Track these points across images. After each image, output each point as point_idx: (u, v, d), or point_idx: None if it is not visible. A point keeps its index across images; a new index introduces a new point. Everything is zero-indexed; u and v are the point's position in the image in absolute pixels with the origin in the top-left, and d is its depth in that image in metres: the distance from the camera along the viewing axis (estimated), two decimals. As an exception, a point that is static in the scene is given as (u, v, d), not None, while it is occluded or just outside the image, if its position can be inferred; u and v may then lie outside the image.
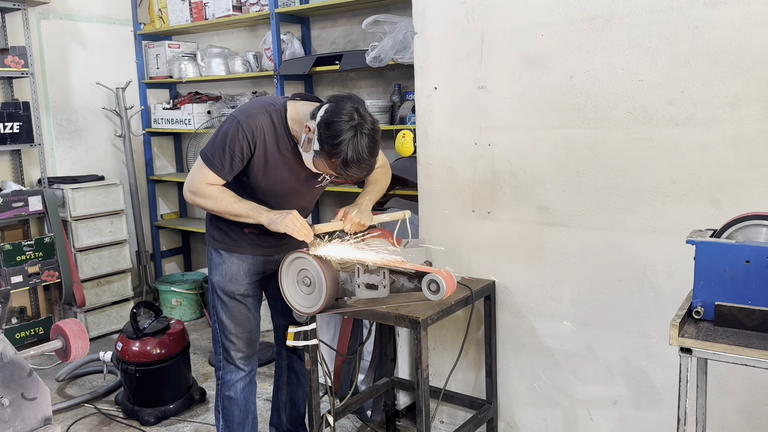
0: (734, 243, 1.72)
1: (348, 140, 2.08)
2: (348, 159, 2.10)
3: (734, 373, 2.29)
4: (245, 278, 2.52)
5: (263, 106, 2.31)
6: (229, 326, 2.55)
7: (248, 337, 2.59)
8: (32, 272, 4.14)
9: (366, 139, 2.10)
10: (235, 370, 2.61)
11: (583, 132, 2.49)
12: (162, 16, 5.05)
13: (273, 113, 2.29)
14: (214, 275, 2.54)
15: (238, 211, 2.31)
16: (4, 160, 4.47)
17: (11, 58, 4.13)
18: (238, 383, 2.62)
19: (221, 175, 2.29)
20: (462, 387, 2.99)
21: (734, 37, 2.15)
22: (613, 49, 2.38)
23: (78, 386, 3.81)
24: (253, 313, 2.59)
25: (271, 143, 2.29)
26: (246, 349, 2.60)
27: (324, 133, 2.12)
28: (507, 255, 2.76)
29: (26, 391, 1.80)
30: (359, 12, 4.09)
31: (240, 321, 2.56)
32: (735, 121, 2.18)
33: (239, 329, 2.56)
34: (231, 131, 2.25)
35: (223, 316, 2.55)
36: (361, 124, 2.10)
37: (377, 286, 2.30)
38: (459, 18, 2.72)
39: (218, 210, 2.33)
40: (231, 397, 2.62)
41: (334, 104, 2.14)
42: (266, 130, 2.27)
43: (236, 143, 2.24)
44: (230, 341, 2.57)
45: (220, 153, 2.26)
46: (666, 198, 2.35)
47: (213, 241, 2.53)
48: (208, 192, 2.31)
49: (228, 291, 2.52)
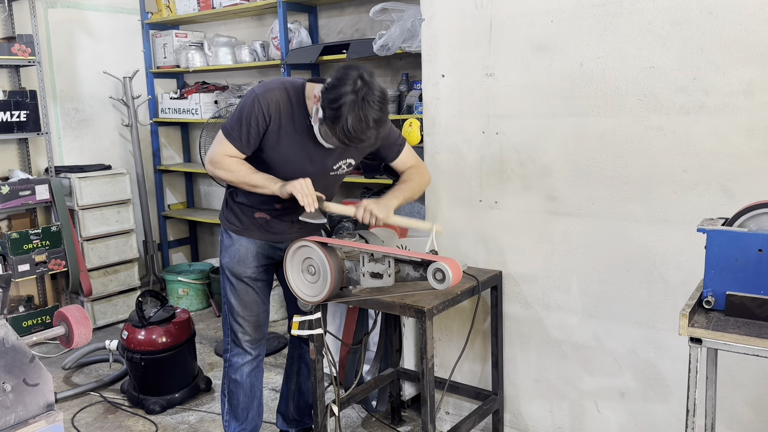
0: (746, 231, 1.68)
1: (349, 104, 2.03)
2: (349, 125, 2.05)
3: (745, 365, 2.26)
4: (253, 261, 2.54)
5: (282, 82, 2.33)
6: (237, 308, 2.58)
7: (256, 321, 2.61)
8: (39, 261, 4.14)
9: (369, 105, 2.05)
10: (242, 353, 2.63)
11: (592, 120, 2.45)
12: (169, 5, 5.03)
13: (291, 90, 2.30)
14: (224, 257, 2.57)
15: (254, 181, 2.32)
16: (12, 148, 4.47)
17: (18, 47, 4.12)
18: (244, 367, 2.65)
19: (239, 148, 2.31)
20: (468, 378, 2.97)
21: (748, 23, 2.10)
22: (624, 36, 2.33)
23: (84, 374, 3.82)
24: (261, 297, 2.61)
25: (286, 118, 2.29)
26: (254, 333, 2.62)
27: (327, 97, 2.09)
28: (514, 245, 2.73)
29: (28, 377, 1.79)
30: (367, 0, 4.05)
31: (248, 304, 2.58)
32: (748, 109, 2.14)
33: (246, 312, 2.58)
34: (248, 104, 2.28)
35: (232, 298, 2.57)
36: (363, 89, 2.06)
37: (382, 275, 2.28)
38: (467, 4, 2.68)
39: (235, 180, 2.35)
40: (237, 381, 2.65)
41: (342, 71, 2.11)
42: (282, 105, 2.27)
43: (252, 116, 2.26)
44: (238, 323, 2.59)
45: (237, 126, 2.29)
46: (677, 187, 2.31)
47: (226, 223, 2.57)
48: (226, 163, 2.33)
49: (236, 273, 2.54)
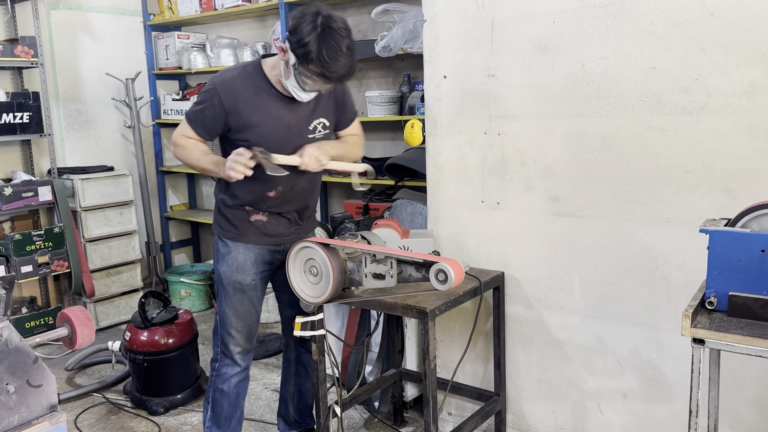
0: (749, 232, 1.68)
1: (316, 36, 2.07)
2: (323, 55, 2.08)
3: (747, 366, 2.25)
4: (252, 268, 2.50)
5: (239, 65, 2.41)
6: (231, 319, 2.53)
7: (248, 332, 2.58)
8: (42, 262, 4.15)
9: (335, 32, 2.09)
10: (231, 365, 2.59)
11: (594, 121, 2.45)
12: (171, 7, 5.03)
13: (249, 68, 2.36)
14: (221, 266, 2.52)
15: (203, 164, 2.37)
16: (14, 150, 4.48)
17: (21, 48, 4.13)
18: (232, 378, 2.60)
19: (195, 130, 2.36)
20: (470, 379, 2.97)
21: (750, 23, 2.10)
22: (626, 36, 2.33)
23: (87, 376, 3.83)
24: (256, 307, 2.58)
25: (251, 94, 2.31)
26: (245, 344, 2.58)
27: (292, 39, 2.12)
28: (516, 246, 2.73)
29: (31, 378, 1.79)
30: (369, 1, 4.05)
31: (242, 315, 2.54)
32: (750, 109, 2.14)
33: (240, 323, 2.55)
34: (207, 89, 2.34)
35: (227, 309, 2.53)
36: (325, 21, 2.09)
37: (384, 276, 2.28)
38: (469, 5, 2.68)
39: (189, 162, 2.39)
40: (223, 390, 2.60)
41: (298, 13, 2.14)
42: (242, 85, 2.31)
43: (208, 99, 2.31)
44: (230, 335, 2.55)
45: (196, 108, 2.35)
46: (679, 188, 2.31)
47: (219, 230, 2.53)
48: (183, 143, 2.38)
49: (235, 281, 2.50)
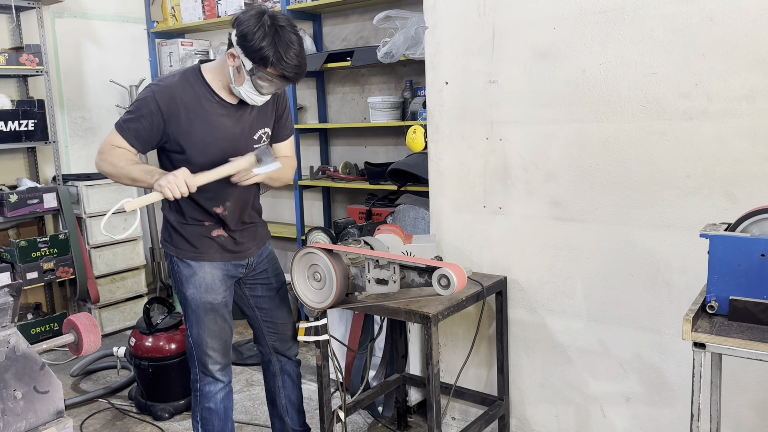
0: (749, 237, 1.69)
1: (272, 39, 2.04)
2: (282, 55, 2.05)
3: (749, 369, 2.26)
4: (221, 286, 2.40)
5: (177, 72, 2.28)
6: (206, 340, 2.43)
7: (224, 348, 2.49)
8: (47, 268, 4.18)
9: (286, 30, 2.07)
10: (213, 382, 2.50)
11: (595, 126, 2.46)
12: (175, 14, 5.07)
13: (188, 75, 2.24)
14: (188, 288, 2.38)
15: (133, 174, 2.17)
16: (20, 157, 4.51)
17: (26, 57, 4.17)
18: (217, 394, 2.52)
19: (128, 140, 2.19)
20: (473, 383, 2.98)
21: (750, 29, 2.12)
22: (626, 42, 2.35)
23: (92, 381, 3.84)
24: (228, 322, 2.48)
25: (191, 103, 2.20)
26: (223, 359, 2.50)
27: (246, 45, 2.06)
28: (519, 250, 2.74)
29: (39, 385, 1.81)
30: (371, 8, 4.08)
31: (216, 333, 2.44)
32: (750, 114, 2.15)
33: (216, 342, 2.45)
34: (143, 97, 2.19)
35: (201, 332, 2.42)
36: (273, 19, 2.06)
37: (387, 281, 2.30)
38: (470, 12, 2.71)
39: (116, 173, 2.19)
40: (211, 408, 2.52)
41: (240, 18, 2.10)
42: (181, 93, 2.20)
43: (145, 108, 2.17)
44: (208, 355, 2.45)
45: (128, 117, 2.19)
46: (680, 192, 2.32)
47: (177, 251, 2.37)
48: (111, 153, 2.18)
49: (205, 302, 2.38)
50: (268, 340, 2.61)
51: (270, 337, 2.61)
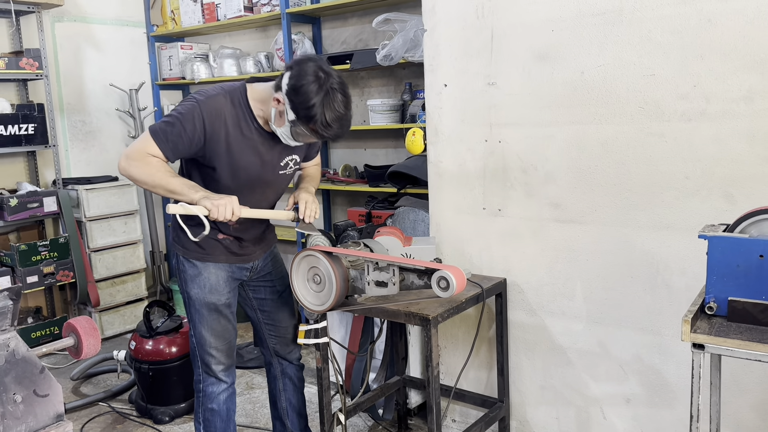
0: (747, 237, 1.70)
1: (321, 100, 2.04)
2: (327, 119, 2.06)
3: (749, 370, 2.26)
4: (225, 287, 2.42)
5: (222, 87, 2.24)
6: (209, 340, 2.44)
7: (228, 348, 2.49)
8: (47, 272, 4.18)
9: (338, 94, 2.06)
10: (216, 383, 2.51)
11: (594, 128, 2.47)
12: (174, 18, 5.08)
13: (232, 94, 2.22)
14: (192, 288, 2.40)
15: (172, 185, 2.14)
16: (20, 161, 4.52)
17: (26, 61, 4.17)
18: (221, 395, 2.52)
19: (164, 150, 2.14)
20: (474, 385, 2.98)
21: (747, 30, 2.12)
22: (625, 44, 2.35)
23: (92, 385, 3.84)
24: (232, 323, 2.49)
25: (232, 125, 2.20)
26: (227, 360, 2.50)
27: (295, 99, 2.06)
28: (518, 252, 2.74)
29: (38, 388, 1.81)
30: (370, 11, 4.09)
31: (220, 333, 2.45)
32: (749, 115, 2.15)
33: (219, 341, 2.46)
34: (187, 108, 2.15)
35: (204, 331, 2.43)
36: (327, 78, 2.05)
37: (387, 283, 2.30)
38: (469, 14, 2.71)
39: (150, 182, 2.14)
40: (213, 409, 2.52)
41: (297, 68, 2.08)
42: (227, 112, 2.19)
43: (189, 120, 2.13)
44: (211, 355, 2.46)
45: (168, 128, 2.14)
46: (679, 194, 2.32)
47: (185, 251, 2.39)
48: (146, 161, 2.13)
49: (209, 303, 2.40)
50: (269, 343, 2.61)
51: (271, 340, 2.61)
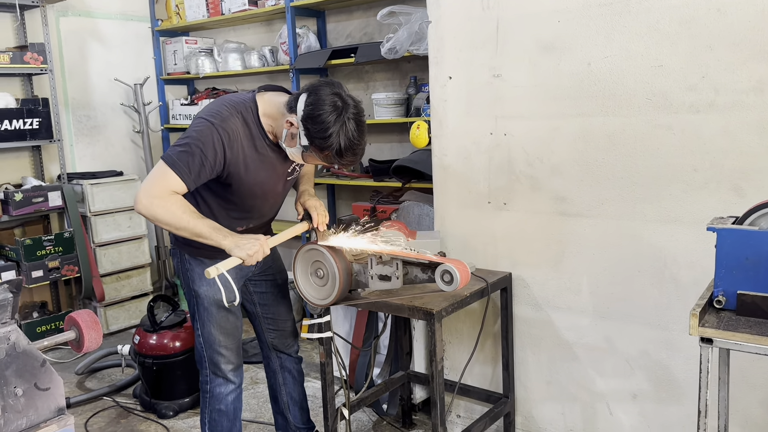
0: (757, 230, 1.66)
1: (338, 130, 2.01)
2: (342, 148, 2.04)
3: (759, 365, 2.23)
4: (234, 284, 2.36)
5: (233, 106, 2.17)
6: (218, 338, 2.41)
7: (237, 346, 2.47)
8: (52, 267, 4.18)
9: (354, 123, 2.04)
10: (224, 383, 2.48)
11: (601, 120, 2.43)
12: (179, 12, 5.06)
13: (244, 112, 2.17)
14: (200, 286, 2.37)
15: (198, 229, 2.10)
16: (25, 156, 4.52)
17: (30, 55, 4.17)
18: (228, 396, 2.50)
19: (186, 182, 2.09)
20: (479, 381, 2.96)
21: (757, 20, 2.08)
22: (632, 34, 2.32)
23: (97, 380, 3.85)
24: (239, 320, 2.47)
25: (248, 145, 2.17)
26: (236, 359, 2.48)
27: (311, 128, 2.04)
28: (524, 246, 2.71)
29: (39, 381, 1.80)
30: (375, 4, 4.06)
31: (230, 331, 2.43)
32: (759, 107, 2.12)
33: (229, 340, 2.44)
34: (204, 135, 2.09)
35: (213, 329, 2.40)
36: (345, 108, 2.03)
37: (390, 277, 2.28)
38: (474, 5, 2.68)
39: (176, 224, 2.10)
40: (221, 410, 2.50)
41: (314, 95, 2.05)
42: (242, 134, 2.15)
43: (209, 148, 2.08)
44: (220, 354, 2.43)
45: (189, 158, 2.07)
46: (687, 186, 2.29)
47: (192, 249, 2.35)
48: (171, 200, 2.08)
49: (219, 300, 2.33)
50: (267, 337, 2.62)
51: (269, 334, 2.61)
